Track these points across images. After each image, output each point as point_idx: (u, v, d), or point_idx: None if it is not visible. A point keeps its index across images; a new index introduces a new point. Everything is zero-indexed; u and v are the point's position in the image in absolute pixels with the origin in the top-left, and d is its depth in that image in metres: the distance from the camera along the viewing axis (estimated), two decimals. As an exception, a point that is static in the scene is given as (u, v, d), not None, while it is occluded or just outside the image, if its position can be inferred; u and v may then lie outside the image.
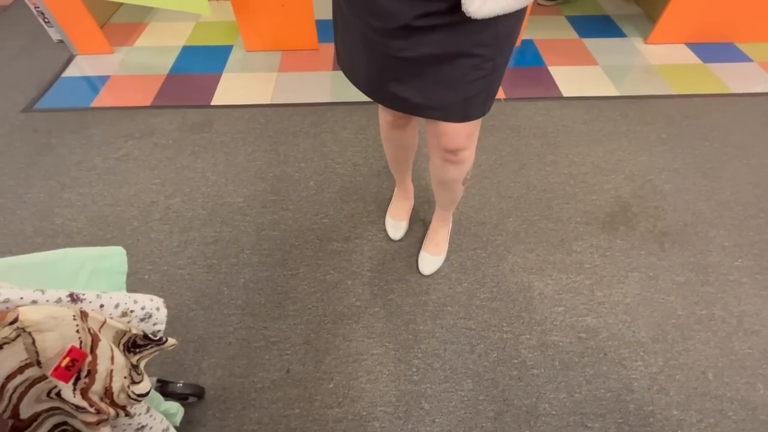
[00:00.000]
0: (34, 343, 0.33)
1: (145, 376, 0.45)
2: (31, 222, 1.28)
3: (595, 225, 1.28)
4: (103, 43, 1.89)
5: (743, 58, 1.90)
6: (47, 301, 0.34)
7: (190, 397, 0.90)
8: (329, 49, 1.94)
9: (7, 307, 0.32)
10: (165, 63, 1.88)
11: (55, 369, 0.34)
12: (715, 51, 1.93)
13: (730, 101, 1.69)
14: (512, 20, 0.64)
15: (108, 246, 0.45)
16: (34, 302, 0.33)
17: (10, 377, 0.34)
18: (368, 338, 1.05)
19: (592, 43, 1.99)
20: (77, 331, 0.36)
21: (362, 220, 1.29)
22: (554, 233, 1.26)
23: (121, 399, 0.41)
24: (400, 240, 1.24)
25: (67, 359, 0.34)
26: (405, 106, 0.76)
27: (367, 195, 1.36)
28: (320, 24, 1.89)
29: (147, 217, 1.29)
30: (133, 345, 0.43)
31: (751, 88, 1.75)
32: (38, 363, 0.35)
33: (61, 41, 1.94)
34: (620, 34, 2.05)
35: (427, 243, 1.20)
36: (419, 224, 1.28)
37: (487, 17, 0.58)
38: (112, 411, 0.39)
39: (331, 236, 1.25)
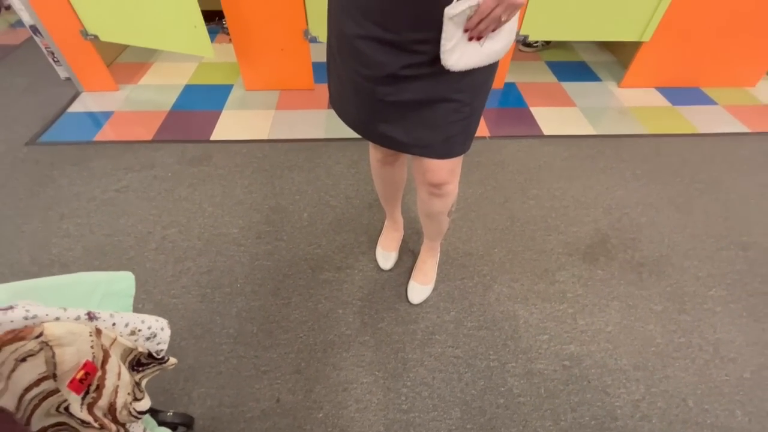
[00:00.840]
0: (53, 356, 0.37)
1: (146, 394, 0.48)
2: (29, 251, 1.30)
3: (576, 256, 1.34)
4: (109, 80, 1.99)
5: (709, 101, 2.05)
6: (68, 318, 0.38)
7: (180, 426, 0.90)
8: (324, 89, 2.05)
9: (33, 323, 0.35)
10: (167, 100, 1.97)
11: (71, 381, 0.37)
12: (683, 95, 2.08)
13: (698, 140, 1.81)
14: (487, 71, 0.73)
15: (96, 273, 0.49)
16: (57, 319, 0.37)
17: (28, 389, 0.37)
18: (358, 367, 1.06)
19: (570, 87, 2.14)
20: (91, 347, 0.39)
21: (353, 250, 1.34)
22: (538, 263, 1.31)
23: (122, 416, 0.43)
24: (390, 270, 1.28)
25: (82, 372, 0.37)
26: (392, 144, 0.83)
27: (359, 227, 1.41)
28: (316, 66, 2.01)
29: (143, 247, 1.32)
30: (137, 363, 0.46)
31: (717, 128, 1.88)
32: (54, 376, 0.37)
33: (68, 79, 2.03)
34: (596, 78, 2.21)
35: (416, 273, 1.24)
36: (408, 255, 1.33)
37: (463, 70, 0.66)
38: (113, 427, 0.42)
39: (323, 266, 1.29)
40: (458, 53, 0.63)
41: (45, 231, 1.36)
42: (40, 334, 0.35)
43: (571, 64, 2.33)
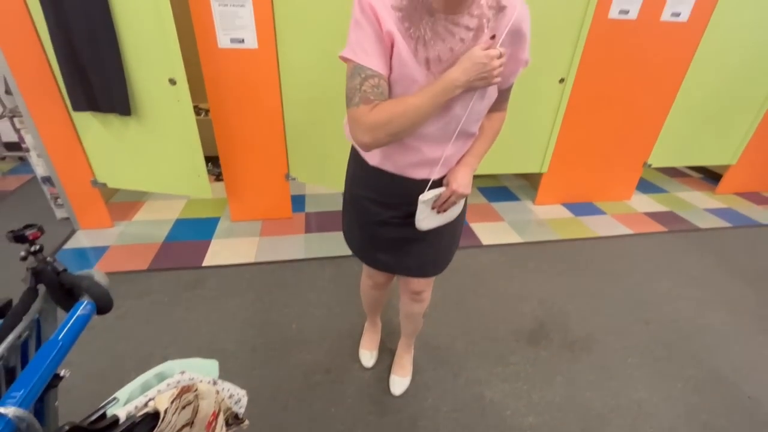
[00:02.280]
0: (198, 406, 0.56)
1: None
2: (28, 383, 1.36)
3: (522, 341, 1.63)
4: (105, 218, 2.23)
5: (600, 212, 2.68)
6: (205, 381, 0.58)
7: None
8: (300, 217, 2.44)
9: (192, 382, 0.56)
10: (160, 233, 2.23)
11: (208, 424, 0.56)
12: (581, 208, 2.71)
13: (598, 242, 2.34)
14: (455, 220, 1.08)
15: (204, 359, 0.70)
16: (200, 381, 0.58)
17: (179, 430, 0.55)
18: (354, 458, 1.19)
19: (497, 206, 2.70)
20: (215, 402, 0.58)
21: (339, 352, 1.54)
22: (494, 350, 1.58)
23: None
24: (372, 367, 1.48)
25: (212, 418, 0.56)
26: (385, 267, 1.15)
27: (342, 331, 1.63)
28: (294, 198, 2.42)
29: (144, 369, 1.42)
30: (226, 422, 0.64)
31: (610, 232, 2.45)
32: (192, 423, 0.56)
33: (66, 219, 2.25)
34: (516, 198, 2.82)
35: (395, 367, 1.45)
36: (387, 352, 1.55)
37: (429, 228, 1.02)
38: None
39: (314, 370, 1.47)
40: (427, 221, 0.98)
41: (44, 361, 1.44)
42: (195, 389, 0.56)
43: (497, 188, 2.97)
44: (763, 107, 2.62)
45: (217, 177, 2.87)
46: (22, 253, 0.61)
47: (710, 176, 3.33)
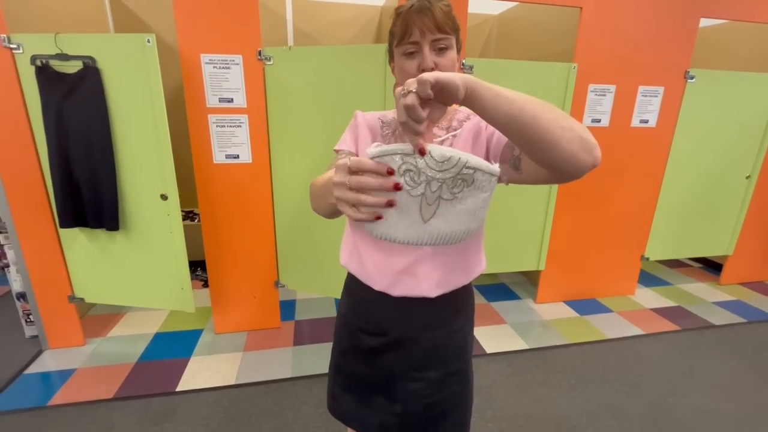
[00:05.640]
0: None
1: None
2: None
3: (543, 481, 1.39)
4: (78, 336, 2.07)
5: (605, 309, 2.55)
6: None
7: None
8: (289, 326, 2.28)
9: None
10: (135, 350, 2.05)
11: None
12: (584, 305, 2.59)
13: (609, 345, 2.18)
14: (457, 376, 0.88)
15: None
16: None
17: None
18: None
19: (498, 306, 2.58)
20: None
21: (326, 508, 1.28)
22: (510, 496, 1.33)
23: None
24: None
25: None
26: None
27: (330, 476, 1.39)
28: (283, 304, 2.30)
29: None
30: None
31: (620, 333, 2.29)
32: None
33: (34, 336, 2.09)
34: (516, 297, 2.71)
35: None
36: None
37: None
38: None
39: None
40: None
41: None
42: None
43: (495, 286, 2.87)
44: (745, 199, 2.68)
45: (205, 283, 2.77)
46: None
47: (711, 266, 3.28)
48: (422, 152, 0.55)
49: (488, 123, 0.59)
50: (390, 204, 0.59)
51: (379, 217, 0.60)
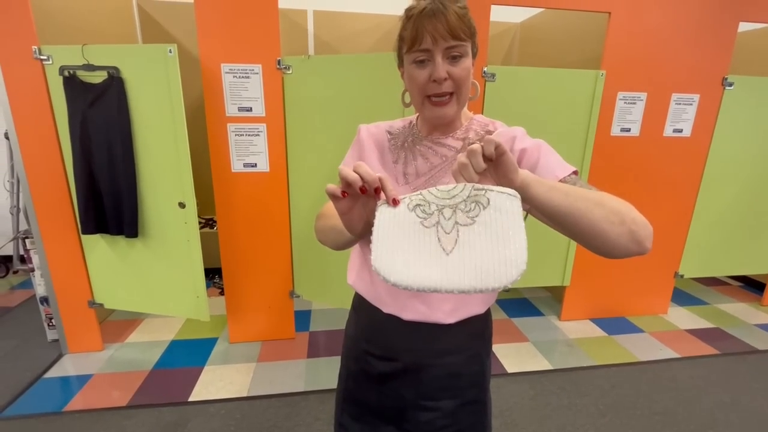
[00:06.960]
0: None
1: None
2: None
3: None
4: (96, 341, 2.09)
5: (636, 329, 2.40)
6: None
7: None
8: (304, 338, 2.25)
9: None
10: (151, 358, 2.05)
11: None
12: (613, 324, 2.44)
13: (641, 369, 2.03)
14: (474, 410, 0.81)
15: None
16: None
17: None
18: None
19: (519, 322, 2.47)
20: None
21: None
22: None
23: None
24: None
25: None
26: None
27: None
28: (298, 314, 2.26)
29: None
30: None
31: (652, 356, 2.15)
32: None
33: (55, 340, 2.12)
34: (539, 313, 2.59)
35: None
36: None
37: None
38: None
39: None
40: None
41: None
42: None
43: (517, 300, 2.76)
44: (791, 214, 2.49)
45: (222, 291, 2.78)
46: None
47: (751, 284, 3.06)
48: None
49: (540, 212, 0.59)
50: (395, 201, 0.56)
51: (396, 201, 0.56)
